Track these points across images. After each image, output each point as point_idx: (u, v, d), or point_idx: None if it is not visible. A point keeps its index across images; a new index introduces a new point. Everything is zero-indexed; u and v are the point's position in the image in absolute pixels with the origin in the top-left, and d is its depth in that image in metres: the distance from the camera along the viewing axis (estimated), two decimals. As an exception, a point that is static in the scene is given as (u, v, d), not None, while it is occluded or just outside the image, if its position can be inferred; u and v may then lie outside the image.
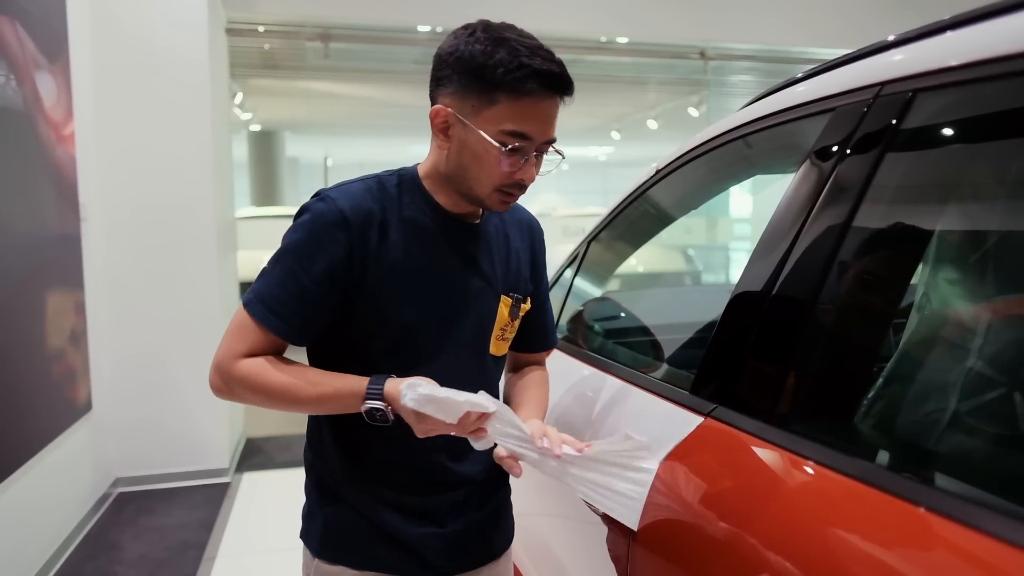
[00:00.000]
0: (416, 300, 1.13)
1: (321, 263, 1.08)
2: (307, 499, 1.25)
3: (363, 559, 1.19)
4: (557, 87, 1.05)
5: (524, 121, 1.05)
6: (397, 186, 1.15)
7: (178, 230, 3.69)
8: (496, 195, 1.10)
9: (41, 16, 2.87)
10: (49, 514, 2.90)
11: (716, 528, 0.89)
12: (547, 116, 1.07)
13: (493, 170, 1.07)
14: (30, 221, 2.72)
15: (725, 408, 1.00)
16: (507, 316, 1.21)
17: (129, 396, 3.67)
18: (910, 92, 0.87)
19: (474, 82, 1.05)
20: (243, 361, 1.09)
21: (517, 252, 1.26)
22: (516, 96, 1.03)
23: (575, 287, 1.88)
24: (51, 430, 2.85)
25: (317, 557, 1.20)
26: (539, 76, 1.03)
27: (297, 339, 1.12)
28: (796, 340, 0.94)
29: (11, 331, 2.51)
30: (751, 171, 1.61)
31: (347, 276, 1.09)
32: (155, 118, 3.63)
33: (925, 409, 0.91)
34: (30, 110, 2.72)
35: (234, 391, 1.11)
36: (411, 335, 1.13)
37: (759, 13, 5.37)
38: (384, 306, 1.11)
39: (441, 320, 1.15)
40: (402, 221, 1.13)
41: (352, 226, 1.08)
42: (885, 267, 0.93)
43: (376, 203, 1.11)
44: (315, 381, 1.09)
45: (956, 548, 0.65)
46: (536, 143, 1.07)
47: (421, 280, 1.13)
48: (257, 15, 4.65)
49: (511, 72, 1.02)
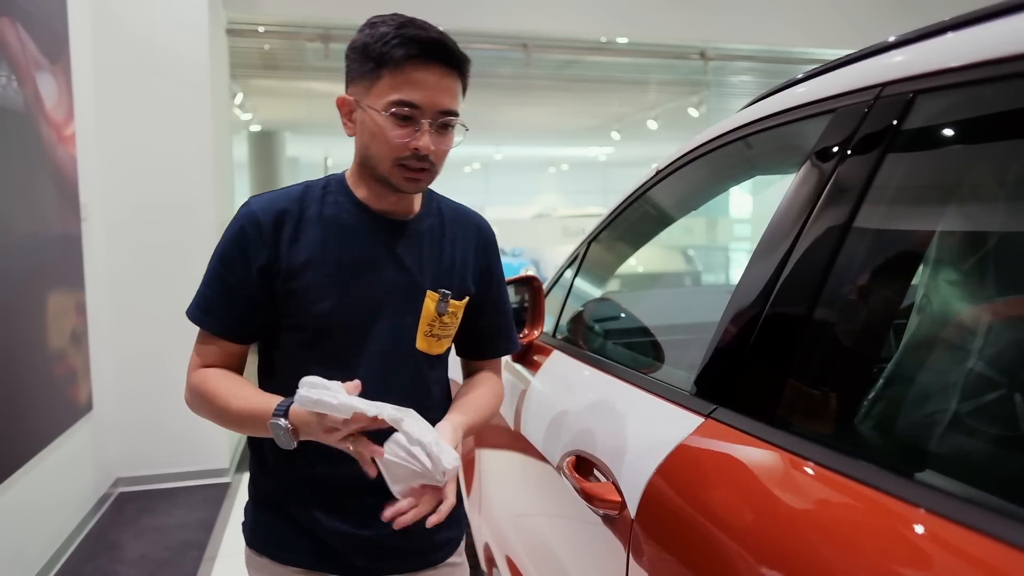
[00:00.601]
0: (333, 293, 1.16)
1: (241, 261, 1.16)
2: (248, 492, 1.33)
3: (286, 554, 1.25)
4: (434, 53, 1.09)
5: (407, 90, 1.09)
6: (323, 188, 1.21)
7: (179, 230, 3.69)
8: (397, 171, 1.13)
9: (42, 17, 2.87)
10: (50, 514, 2.90)
11: (716, 529, 0.89)
12: (432, 84, 1.10)
13: (387, 142, 1.11)
14: (31, 222, 2.72)
15: (725, 409, 1.00)
16: (433, 311, 1.22)
17: (130, 396, 3.68)
18: (911, 93, 0.87)
19: (363, 64, 1.11)
20: (197, 371, 1.20)
21: (456, 252, 1.27)
22: (396, 67, 1.08)
23: (575, 288, 1.88)
24: (52, 430, 2.86)
25: (248, 547, 1.29)
26: (413, 43, 1.08)
27: (234, 335, 1.20)
28: (796, 341, 0.94)
29: (12, 331, 2.51)
30: (751, 172, 1.61)
31: (266, 272, 1.15)
32: (156, 118, 3.63)
33: (926, 410, 0.91)
34: (31, 111, 2.73)
35: (191, 403, 1.21)
36: (328, 328, 1.17)
37: (759, 14, 5.37)
38: (302, 299, 1.16)
39: (360, 314, 1.18)
40: (322, 219, 1.18)
41: (263, 225, 1.15)
42: (886, 268, 0.93)
43: (294, 204, 1.18)
44: (241, 395, 1.15)
45: (956, 549, 0.65)
46: (426, 112, 1.10)
47: (339, 274, 1.17)
48: (257, 16, 4.65)
49: (387, 44, 1.08)
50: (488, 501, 1.95)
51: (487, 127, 11.55)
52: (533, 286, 1.79)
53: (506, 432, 1.75)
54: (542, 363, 1.72)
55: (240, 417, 1.13)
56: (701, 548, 0.91)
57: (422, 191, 1.22)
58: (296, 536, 1.24)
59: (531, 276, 1.80)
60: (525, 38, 5.32)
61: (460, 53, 1.12)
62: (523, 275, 1.81)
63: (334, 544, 1.23)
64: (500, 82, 7.09)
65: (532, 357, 1.79)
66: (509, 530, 1.76)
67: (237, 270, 1.16)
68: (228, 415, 1.15)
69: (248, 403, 1.13)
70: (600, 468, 1.21)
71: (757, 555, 0.81)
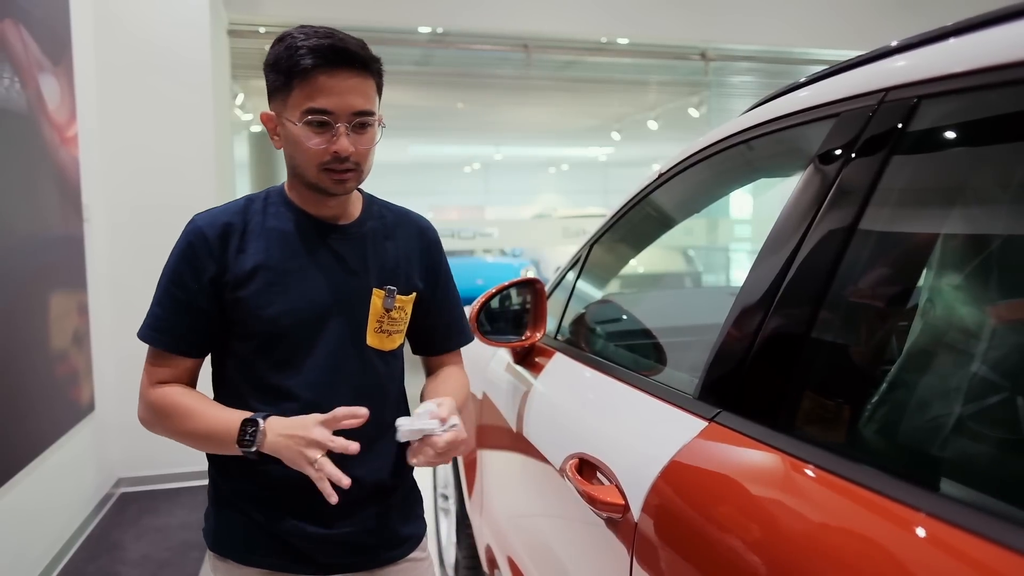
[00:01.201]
0: (280, 298, 1.20)
1: (189, 275, 1.20)
2: (207, 496, 1.34)
3: (247, 555, 1.27)
4: (337, 59, 1.13)
5: (318, 97, 1.13)
6: (264, 200, 1.26)
7: (180, 231, 3.68)
8: (324, 175, 1.17)
9: (44, 18, 2.88)
10: (52, 514, 2.90)
11: (720, 533, 0.90)
12: (342, 89, 1.13)
13: (307, 150, 1.15)
14: (34, 223, 2.73)
15: (729, 413, 1.01)
16: (381, 307, 1.27)
17: (131, 397, 3.65)
18: (915, 98, 0.88)
19: (276, 79, 1.16)
20: (155, 389, 1.24)
21: (399, 251, 1.32)
22: (304, 78, 1.13)
23: (577, 289, 1.88)
24: (54, 431, 2.86)
25: (211, 551, 1.31)
26: (313, 53, 1.12)
27: (187, 350, 1.24)
28: (800, 345, 0.94)
29: (15, 332, 2.52)
30: (755, 175, 1.61)
31: (216, 282, 1.20)
32: (157, 119, 3.63)
33: (930, 414, 0.92)
34: (34, 112, 2.73)
35: (148, 420, 1.26)
36: (279, 331, 1.21)
37: (760, 14, 5.37)
38: (250, 306, 1.20)
39: (309, 316, 1.22)
40: (264, 229, 1.23)
41: (209, 239, 1.20)
42: (889, 272, 0.93)
43: (237, 217, 1.23)
44: (207, 410, 1.19)
45: (959, 554, 0.65)
46: (339, 116, 1.14)
47: (284, 280, 1.21)
48: (258, 16, 4.66)
49: (292, 58, 1.13)
50: (490, 503, 1.95)
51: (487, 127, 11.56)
52: (535, 288, 1.79)
53: (508, 434, 1.75)
54: (544, 365, 1.73)
55: (207, 431, 1.18)
56: (705, 552, 0.92)
57: (352, 192, 1.25)
58: (259, 537, 1.26)
59: (533, 278, 1.80)
60: (526, 39, 5.33)
61: (366, 54, 1.16)
62: (525, 277, 1.81)
63: (298, 544, 1.25)
64: (500, 82, 7.10)
65: (534, 359, 1.79)
66: (511, 532, 1.77)
67: (188, 285, 1.21)
68: (192, 430, 1.19)
69: (216, 417, 1.18)
70: (603, 471, 1.21)
71: (761, 560, 0.82)
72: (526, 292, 1.81)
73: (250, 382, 1.24)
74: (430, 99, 8.12)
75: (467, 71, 6.78)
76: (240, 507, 1.26)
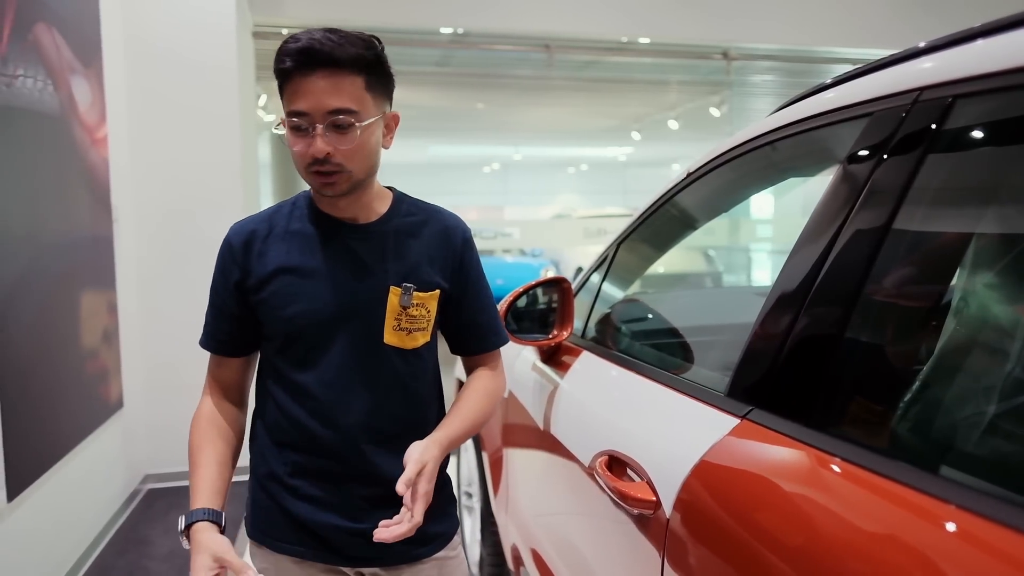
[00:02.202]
0: (296, 299, 1.24)
1: (220, 282, 1.29)
2: (248, 485, 1.38)
3: (280, 543, 1.30)
4: (307, 60, 1.11)
5: (295, 100, 1.13)
6: (292, 204, 1.30)
7: (207, 230, 3.73)
8: (313, 178, 1.18)
9: (75, 21, 2.93)
10: (83, 509, 2.96)
11: (752, 530, 0.90)
12: (316, 89, 1.12)
13: (295, 154, 1.16)
14: (65, 223, 2.78)
15: (761, 410, 1.01)
16: (398, 305, 1.26)
17: (159, 395, 3.73)
18: (949, 98, 0.88)
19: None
20: (201, 404, 1.34)
21: (422, 249, 1.29)
22: (284, 80, 1.14)
23: (604, 289, 1.89)
24: (85, 427, 2.91)
25: (249, 537, 1.35)
26: (288, 56, 1.12)
27: (228, 350, 1.33)
28: (833, 343, 0.95)
29: (48, 330, 2.57)
30: (784, 175, 1.61)
31: (240, 287, 1.26)
32: (185, 121, 3.69)
33: (964, 412, 0.92)
34: (66, 114, 2.78)
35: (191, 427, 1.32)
36: (296, 331, 1.25)
37: (781, 13, 5.35)
38: (272, 306, 1.24)
39: (324, 315, 1.24)
40: (287, 232, 1.26)
41: (235, 246, 1.27)
42: (923, 271, 0.94)
43: (263, 223, 1.28)
44: (196, 462, 1.26)
45: (994, 550, 0.65)
46: (314, 117, 1.12)
47: (304, 280, 1.24)
48: (282, 18, 4.71)
49: (276, 62, 1.14)
50: (516, 501, 1.97)
51: (507, 127, 11.57)
52: (562, 287, 1.81)
53: (535, 432, 1.76)
54: (571, 364, 1.74)
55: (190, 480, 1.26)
56: (737, 549, 0.92)
57: (346, 193, 1.20)
58: (289, 525, 1.29)
59: (560, 278, 1.82)
60: (547, 39, 5.34)
61: (342, 53, 1.11)
62: (553, 276, 1.82)
63: (326, 535, 1.28)
64: (520, 82, 7.11)
65: (561, 358, 1.80)
66: (538, 530, 1.78)
67: (220, 291, 1.30)
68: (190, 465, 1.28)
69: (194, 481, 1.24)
70: (634, 468, 1.22)
71: (794, 558, 0.82)
72: (552, 291, 1.82)
73: (275, 379, 1.30)
74: (450, 99, 8.16)
75: (487, 71, 6.80)
76: (273, 494, 1.30)
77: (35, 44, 2.50)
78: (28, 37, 2.45)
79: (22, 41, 2.39)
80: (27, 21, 2.44)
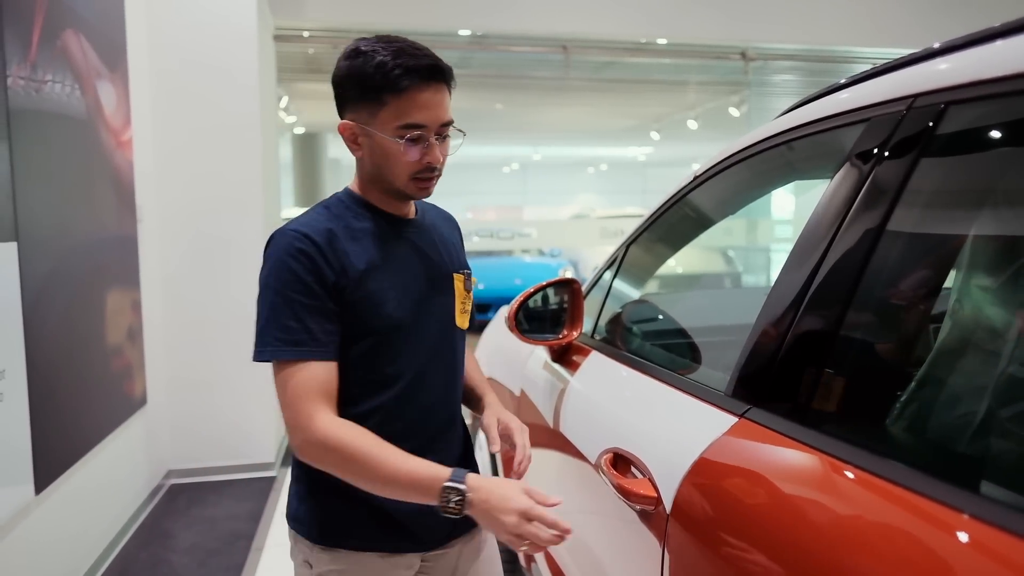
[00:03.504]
0: (392, 294, 1.25)
1: (314, 281, 1.18)
2: (297, 487, 1.33)
3: (360, 541, 1.28)
4: (429, 77, 1.19)
5: (412, 113, 1.18)
6: (342, 204, 1.29)
7: (228, 230, 3.82)
8: (412, 183, 1.24)
9: (102, 27, 3.00)
10: (107, 503, 3.03)
11: (746, 525, 0.93)
12: (433, 103, 1.20)
13: (402, 162, 1.21)
14: (92, 223, 2.85)
15: (759, 409, 1.04)
16: (463, 290, 1.38)
17: (181, 392, 3.81)
18: (942, 104, 0.90)
19: (364, 93, 1.19)
20: (320, 419, 1.15)
21: (451, 239, 1.43)
22: (397, 94, 1.17)
23: (613, 289, 1.92)
24: (109, 423, 2.99)
25: (317, 544, 1.28)
26: (412, 72, 1.17)
27: (332, 353, 1.20)
28: (830, 343, 0.97)
29: (74, 328, 2.64)
30: (788, 178, 1.63)
31: (337, 285, 1.20)
32: (208, 123, 3.76)
33: (959, 413, 0.94)
34: (92, 117, 2.86)
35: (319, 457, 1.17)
36: (396, 327, 1.26)
37: (799, 13, 5.33)
38: (373, 303, 1.23)
39: (414, 307, 1.28)
40: (356, 231, 1.26)
41: (320, 244, 1.20)
42: (918, 273, 0.96)
43: (331, 222, 1.24)
44: (393, 458, 1.16)
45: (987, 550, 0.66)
46: (431, 128, 1.21)
47: (392, 276, 1.26)
48: (303, 21, 4.78)
49: (387, 76, 1.17)
50: (527, 497, 1.99)
51: (526, 128, 11.59)
52: (572, 288, 1.84)
53: (545, 430, 1.79)
54: (581, 363, 1.77)
55: (394, 485, 1.15)
56: (733, 544, 0.95)
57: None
58: (371, 520, 1.27)
59: (571, 279, 1.84)
60: (565, 40, 5.37)
61: (448, 67, 1.22)
62: (563, 277, 1.85)
63: (406, 522, 1.28)
64: (539, 83, 7.14)
65: (571, 357, 1.83)
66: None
67: (315, 291, 1.18)
68: (375, 480, 1.16)
69: (406, 473, 1.15)
70: (636, 464, 1.25)
71: (786, 553, 0.85)
72: (563, 292, 1.85)
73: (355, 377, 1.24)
74: (469, 100, 8.20)
75: (506, 72, 6.84)
76: (354, 493, 1.21)
77: (63, 50, 2.57)
78: (56, 43, 2.52)
79: (51, 47, 2.47)
80: (55, 28, 2.51)
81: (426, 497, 1.14)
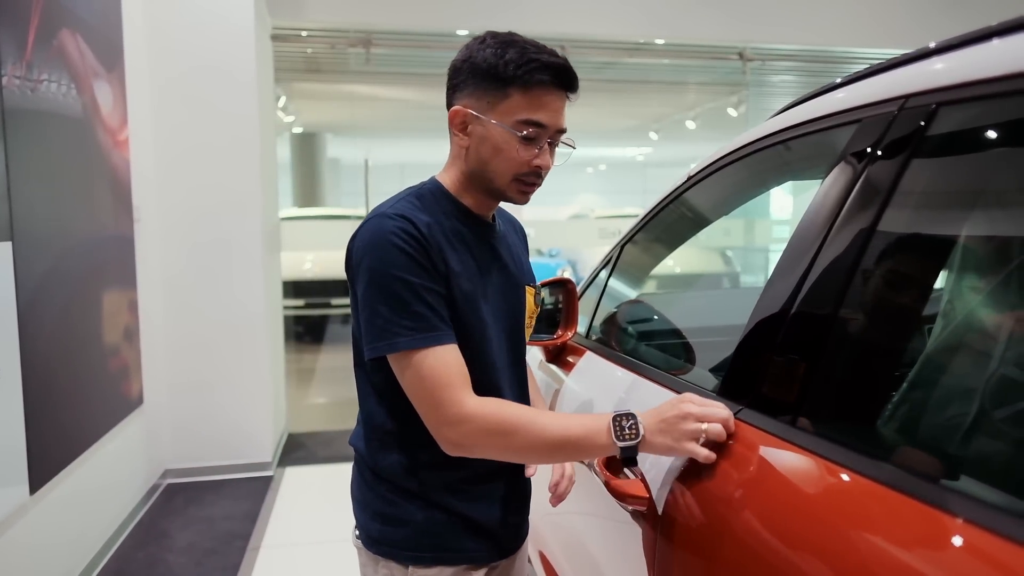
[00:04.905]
0: (478, 297, 1.20)
1: (433, 270, 1.13)
2: (383, 507, 1.24)
3: (456, 554, 1.23)
4: (564, 79, 1.16)
5: (536, 110, 1.14)
6: (433, 199, 1.22)
7: (226, 230, 3.82)
8: (515, 185, 1.19)
9: (99, 27, 3.00)
10: (104, 502, 3.03)
11: (736, 526, 0.93)
12: (555, 106, 1.16)
13: (512, 159, 1.16)
14: (89, 223, 2.85)
15: (750, 410, 1.04)
16: (533, 305, 1.34)
17: (178, 391, 3.81)
18: (933, 105, 0.90)
19: (488, 81, 1.15)
20: (470, 403, 1.10)
21: (520, 249, 1.38)
22: (527, 87, 1.13)
23: (608, 289, 1.92)
24: (106, 422, 2.99)
25: (412, 564, 1.22)
26: (547, 69, 1.13)
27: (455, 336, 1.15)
28: (820, 344, 0.97)
29: (71, 328, 2.64)
30: (780, 179, 1.63)
31: (444, 277, 1.15)
32: (205, 122, 3.76)
33: (948, 413, 0.94)
34: (89, 117, 2.85)
35: (483, 442, 1.12)
36: (485, 334, 1.21)
37: (798, 13, 5.33)
38: (468, 304, 1.18)
39: (496, 316, 1.24)
40: (448, 229, 1.19)
41: (428, 238, 1.14)
42: (908, 274, 0.96)
43: (428, 215, 1.17)
44: (550, 420, 1.11)
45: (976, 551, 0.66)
46: (549, 131, 1.16)
47: (477, 281, 1.21)
48: (301, 21, 4.77)
49: (521, 67, 1.13)
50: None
51: (525, 128, 11.53)
52: (567, 288, 1.83)
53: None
54: (575, 363, 1.77)
55: (563, 439, 1.09)
56: (724, 545, 0.95)
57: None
58: (467, 532, 1.24)
59: (566, 279, 1.84)
60: (563, 40, 5.36)
61: (576, 76, 1.18)
62: (558, 277, 1.85)
63: (495, 530, 1.27)
64: (538, 83, 7.11)
65: (566, 357, 1.83)
66: (543, 526, 1.81)
67: (431, 271, 1.13)
68: (543, 442, 1.10)
69: (569, 423, 1.11)
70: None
71: (774, 551, 0.85)
72: (558, 292, 1.85)
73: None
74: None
75: (505, 73, 6.81)
76: (447, 506, 1.21)
77: (59, 49, 2.57)
78: (52, 43, 2.52)
79: (47, 47, 2.46)
80: (52, 27, 2.51)
81: (599, 437, 1.06)
